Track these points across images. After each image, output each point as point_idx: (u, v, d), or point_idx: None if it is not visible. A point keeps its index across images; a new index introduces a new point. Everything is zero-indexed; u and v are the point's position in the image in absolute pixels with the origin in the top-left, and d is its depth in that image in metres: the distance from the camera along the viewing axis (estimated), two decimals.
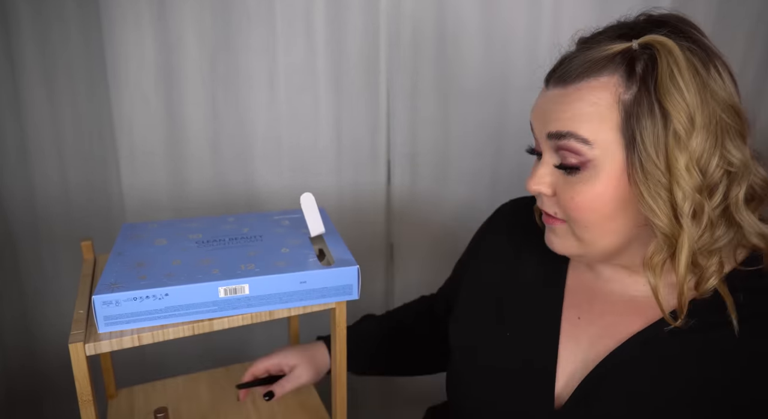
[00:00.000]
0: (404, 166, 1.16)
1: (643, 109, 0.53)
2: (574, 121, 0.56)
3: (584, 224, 0.59)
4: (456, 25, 1.07)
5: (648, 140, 0.53)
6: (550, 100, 0.59)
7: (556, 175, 0.60)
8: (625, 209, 0.57)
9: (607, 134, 0.55)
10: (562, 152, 0.58)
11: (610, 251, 0.61)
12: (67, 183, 1.03)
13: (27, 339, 1.09)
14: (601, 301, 0.65)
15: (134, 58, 0.97)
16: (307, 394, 0.88)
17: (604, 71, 0.55)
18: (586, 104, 0.56)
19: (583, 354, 0.63)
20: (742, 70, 1.20)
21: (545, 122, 0.59)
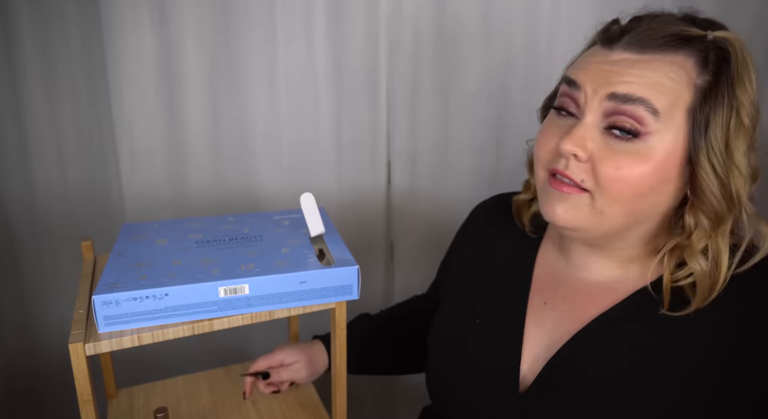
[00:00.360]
0: (404, 166, 1.16)
1: (718, 97, 0.54)
2: (650, 88, 0.54)
3: (615, 197, 0.56)
4: (456, 25, 1.07)
5: (719, 126, 0.54)
6: (619, 63, 0.56)
7: (597, 140, 0.56)
8: (660, 192, 0.57)
9: (677, 110, 0.55)
10: (620, 117, 0.55)
11: (616, 231, 0.60)
12: (67, 183, 1.03)
13: (27, 338, 1.09)
14: (566, 286, 0.67)
15: (134, 57, 0.97)
16: (307, 394, 0.88)
17: (681, 51, 0.56)
18: (663, 76, 0.55)
19: (547, 337, 0.65)
20: None
21: (609, 82, 0.56)
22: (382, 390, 1.31)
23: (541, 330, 0.66)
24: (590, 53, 0.61)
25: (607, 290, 0.64)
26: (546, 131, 0.62)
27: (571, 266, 0.68)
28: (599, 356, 0.61)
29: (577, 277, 0.67)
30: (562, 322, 0.65)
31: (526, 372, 0.65)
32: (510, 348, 0.66)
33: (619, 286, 0.63)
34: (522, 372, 0.65)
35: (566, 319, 0.65)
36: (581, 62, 0.61)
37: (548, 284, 0.69)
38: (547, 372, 0.63)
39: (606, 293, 0.64)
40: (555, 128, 0.60)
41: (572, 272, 0.68)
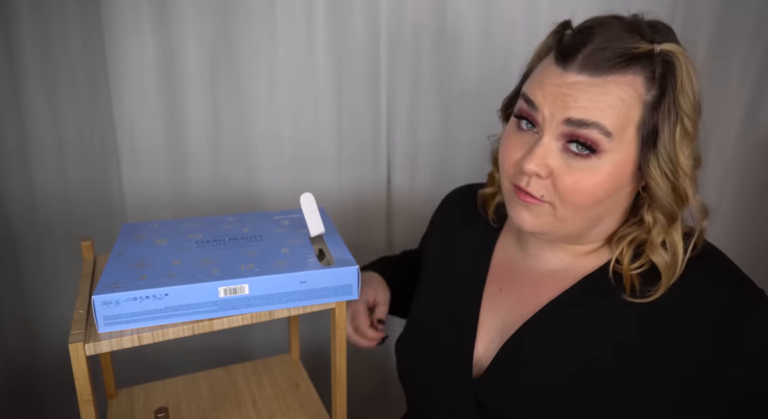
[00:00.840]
0: (404, 165, 1.16)
1: (663, 110, 0.59)
2: (601, 112, 0.58)
3: (575, 207, 0.61)
4: (456, 24, 1.07)
5: (667, 137, 0.59)
6: (575, 87, 0.59)
7: (556, 157, 0.60)
8: (614, 197, 0.62)
9: (627, 129, 0.59)
10: (576, 139, 0.59)
11: (579, 232, 0.65)
12: (68, 183, 1.03)
13: (27, 337, 1.09)
14: (521, 275, 0.72)
15: (135, 57, 0.97)
16: (307, 394, 0.88)
17: (630, 69, 0.58)
18: (614, 98, 0.58)
19: (501, 321, 0.70)
20: (743, 70, 1.20)
21: (564, 107, 0.59)
22: (382, 390, 1.31)
23: (495, 315, 0.72)
24: (546, 70, 0.62)
25: (557, 277, 0.69)
26: (508, 143, 0.65)
27: (527, 256, 0.73)
28: (549, 339, 0.66)
29: (532, 266, 0.72)
30: (515, 307, 0.70)
31: (481, 356, 0.70)
32: (466, 332, 0.72)
33: (568, 274, 0.68)
34: (477, 356, 0.70)
35: (519, 305, 0.70)
36: (538, 80, 0.63)
37: (505, 273, 0.74)
38: (501, 356, 0.67)
39: (557, 281, 0.69)
40: (517, 142, 0.64)
41: (527, 262, 0.73)
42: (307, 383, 0.91)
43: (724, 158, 1.28)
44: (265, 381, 0.91)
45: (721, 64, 1.20)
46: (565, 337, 0.65)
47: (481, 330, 0.72)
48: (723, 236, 1.32)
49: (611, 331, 0.63)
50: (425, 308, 0.80)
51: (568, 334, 0.65)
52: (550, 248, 0.70)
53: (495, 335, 0.70)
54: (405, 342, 0.81)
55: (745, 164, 1.29)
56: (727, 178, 1.29)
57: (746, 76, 1.21)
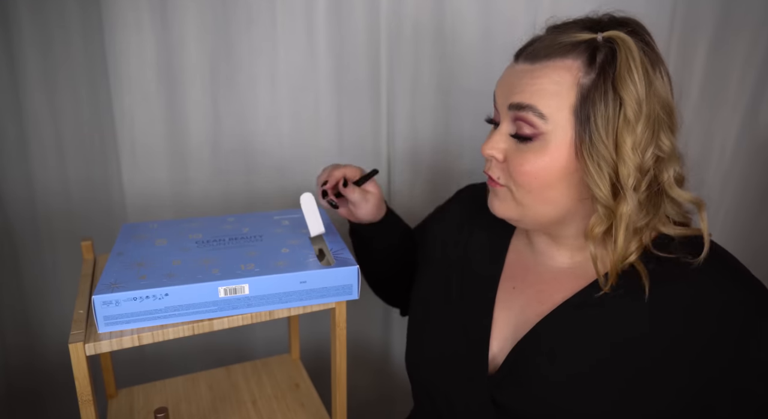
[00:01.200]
0: (404, 165, 1.16)
1: (599, 93, 0.59)
2: (536, 95, 0.61)
3: (526, 188, 0.64)
4: (456, 24, 1.07)
5: (600, 121, 0.59)
6: (517, 74, 0.64)
7: (509, 143, 0.65)
8: (566, 181, 0.63)
9: (562, 112, 0.61)
10: (519, 122, 0.63)
11: (546, 220, 0.66)
12: (68, 183, 1.03)
13: (27, 337, 1.09)
14: (533, 272, 0.73)
15: (136, 57, 0.97)
16: (307, 394, 0.88)
17: (569, 55, 0.61)
18: (549, 82, 0.61)
19: (515, 319, 0.71)
20: (744, 70, 1.20)
21: (509, 94, 0.64)
22: (382, 390, 1.31)
23: (509, 313, 0.72)
24: (507, 67, 0.68)
25: (571, 275, 0.69)
26: (487, 138, 0.70)
27: (536, 253, 0.74)
28: (564, 337, 0.66)
29: (544, 263, 0.72)
30: (528, 305, 0.70)
31: (496, 353, 0.70)
32: (480, 329, 0.72)
33: (581, 272, 0.68)
34: (492, 353, 0.70)
35: (532, 302, 0.70)
36: (501, 76, 0.69)
37: (518, 271, 0.74)
38: (515, 353, 0.68)
39: (571, 279, 0.69)
40: (489, 135, 0.69)
41: (539, 259, 0.73)
42: (307, 383, 0.91)
43: (725, 159, 1.28)
44: (265, 381, 0.91)
45: (722, 64, 1.19)
46: (579, 335, 0.65)
47: (496, 327, 0.72)
48: (724, 236, 1.32)
49: (625, 330, 0.63)
50: (435, 306, 0.79)
51: (582, 332, 0.65)
52: (554, 247, 0.71)
53: (509, 332, 0.70)
54: (415, 341, 0.80)
55: (745, 164, 1.29)
56: (728, 179, 1.29)
57: (746, 76, 1.21)
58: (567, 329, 0.66)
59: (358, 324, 1.22)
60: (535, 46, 0.63)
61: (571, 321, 0.66)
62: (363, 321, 1.24)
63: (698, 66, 1.18)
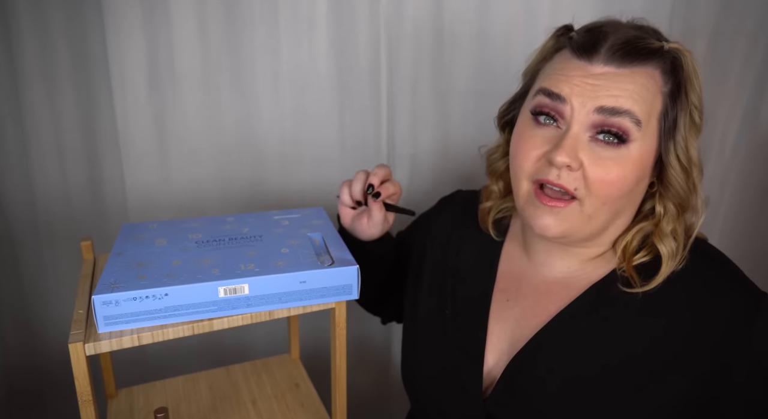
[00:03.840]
0: (404, 166, 1.16)
1: (680, 102, 0.61)
2: (631, 101, 0.59)
3: (604, 200, 0.60)
4: (455, 25, 1.07)
5: (682, 128, 0.61)
6: (602, 77, 0.60)
7: (585, 149, 0.60)
8: (636, 191, 0.63)
9: (651, 118, 0.60)
10: (607, 128, 0.59)
11: (599, 230, 0.64)
12: (68, 183, 1.03)
13: (27, 337, 1.09)
14: (527, 284, 0.71)
15: (136, 57, 0.97)
16: (307, 394, 0.88)
17: (649, 62, 0.61)
18: (640, 88, 0.59)
19: (510, 332, 0.69)
20: (743, 70, 1.20)
21: (595, 96, 0.59)
22: (382, 390, 1.31)
23: (504, 326, 0.70)
24: (565, 64, 0.63)
25: (565, 285, 0.68)
26: (527, 141, 0.63)
27: (533, 264, 0.72)
28: (561, 350, 0.65)
29: (538, 274, 0.71)
30: (523, 318, 0.69)
31: (491, 367, 0.69)
32: (475, 344, 0.70)
33: (576, 282, 0.68)
34: (487, 368, 0.69)
35: (527, 315, 0.69)
36: (559, 74, 0.62)
37: (511, 282, 0.73)
38: (512, 368, 0.66)
39: (564, 289, 0.68)
40: (536, 139, 0.62)
41: (534, 270, 0.71)
42: (307, 383, 0.91)
43: (725, 158, 1.28)
44: (265, 381, 0.91)
45: (721, 63, 1.19)
46: (576, 347, 0.64)
47: (491, 341, 0.70)
48: (724, 236, 1.32)
49: (622, 340, 0.63)
50: (428, 321, 0.77)
51: (579, 344, 0.64)
52: (558, 254, 0.69)
53: (505, 346, 0.69)
54: (410, 357, 0.79)
55: (745, 164, 1.29)
56: (728, 178, 1.29)
57: (746, 76, 1.21)
58: (564, 340, 0.65)
59: (358, 324, 1.22)
60: (617, 47, 0.60)
61: (567, 331, 0.65)
62: (363, 321, 1.24)
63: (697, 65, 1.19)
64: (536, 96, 0.64)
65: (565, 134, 0.60)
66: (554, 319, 0.66)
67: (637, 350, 0.62)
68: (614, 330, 0.63)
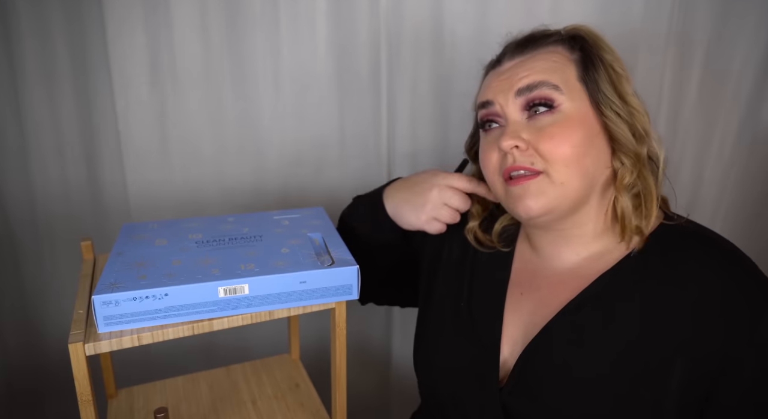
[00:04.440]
0: (404, 166, 1.16)
1: (590, 61, 0.66)
2: (541, 73, 0.65)
3: (565, 163, 0.64)
4: (455, 25, 1.07)
5: (603, 80, 0.66)
6: (512, 69, 0.68)
7: (526, 128, 0.65)
8: (595, 147, 0.65)
9: (570, 81, 0.66)
10: (532, 103, 0.65)
11: (579, 197, 0.66)
12: (68, 183, 1.03)
13: (27, 337, 1.09)
14: (539, 277, 0.73)
15: (137, 56, 0.97)
16: (307, 394, 0.88)
17: (550, 43, 0.68)
18: (547, 62, 0.66)
19: (523, 325, 0.71)
20: (742, 70, 1.20)
21: (511, 85, 0.66)
22: (381, 390, 1.31)
23: (518, 319, 0.72)
24: (486, 80, 0.72)
25: (576, 276, 0.69)
26: (485, 149, 0.70)
27: (543, 259, 0.74)
28: (570, 339, 0.66)
29: (549, 267, 0.73)
30: (536, 309, 0.71)
31: (506, 358, 0.71)
32: (491, 334, 0.72)
33: (585, 271, 0.69)
34: (503, 358, 0.71)
35: (540, 306, 0.71)
36: (483, 88, 0.72)
37: (525, 277, 0.75)
38: (524, 359, 0.68)
39: (575, 279, 0.69)
40: (491, 143, 0.69)
41: (544, 263, 0.73)
42: (307, 383, 0.91)
43: (724, 158, 1.27)
44: (265, 381, 0.91)
45: (721, 63, 1.19)
46: (585, 336, 0.65)
47: (506, 332, 0.72)
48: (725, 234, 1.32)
49: (630, 328, 0.63)
50: (445, 314, 0.79)
51: (588, 333, 0.65)
52: (562, 244, 0.71)
53: (519, 337, 0.71)
54: (426, 348, 0.80)
55: (745, 164, 1.29)
56: (728, 178, 1.29)
57: (745, 76, 1.20)
58: (573, 329, 0.66)
59: (358, 324, 1.22)
60: (514, 45, 0.70)
61: (576, 321, 0.66)
62: (363, 321, 1.24)
63: (696, 65, 1.18)
64: (477, 113, 0.73)
65: (505, 125, 0.68)
66: (564, 309, 0.67)
67: (646, 337, 0.62)
68: (623, 319, 0.64)
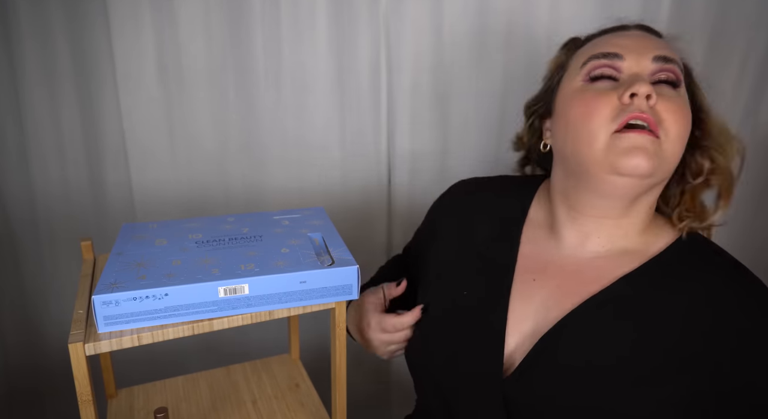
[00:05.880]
0: (404, 166, 1.16)
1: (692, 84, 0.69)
2: (674, 55, 0.66)
3: (678, 134, 0.62)
4: (455, 26, 1.07)
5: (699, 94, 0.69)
6: (646, 37, 0.67)
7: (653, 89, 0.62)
8: (687, 135, 0.65)
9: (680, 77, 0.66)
10: (666, 73, 0.64)
11: (665, 177, 0.66)
12: (68, 182, 1.03)
13: (27, 337, 1.09)
14: (554, 265, 0.69)
15: (139, 56, 0.97)
16: (307, 394, 0.88)
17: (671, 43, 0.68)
18: (674, 52, 0.66)
19: (534, 314, 0.67)
20: (742, 70, 1.20)
21: (650, 48, 0.65)
22: (381, 390, 1.31)
23: (527, 305, 0.68)
24: (603, 38, 0.68)
25: (596, 268, 0.67)
26: (594, 96, 0.63)
27: (562, 246, 0.70)
28: (585, 338, 0.63)
29: (568, 255, 0.69)
30: (551, 297, 0.67)
31: (513, 348, 0.66)
32: (496, 321, 0.68)
33: (606, 265, 0.67)
34: (508, 349, 0.66)
35: (555, 295, 0.67)
36: (604, 43, 0.67)
37: (536, 263, 0.71)
38: (537, 352, 0.64)
39: (595, 271, 0.67)
40: (600, 94, 0.63)
41: (561, 251, 0.70)
42: (307, 383, 0.91)
43: None
44: (265, 381, 0.91)
45: (720, 63, 1.19)
46: (601, 336, 0.63)
47: (512, 321, 0.67)
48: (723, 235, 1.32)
49: (645, 332, 0.62)
50: (439, 305, 0.74)
51: (604, 333, 0.63)
52: (595, 234, 0.68)
53: (528, 328, 0.66)
54: (418, 343, 0.75)
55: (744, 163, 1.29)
56: None
57: (745, 76, 1.20)
58: (590, 327, 0.63)
59: None
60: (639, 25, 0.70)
61: (594, 319, 0.64)
62: None
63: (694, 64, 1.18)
64: (587, 64, 0.66)
65: (630, 76, 0.63)
66: (584, 303, 0.64)
67: (661, 343, 0.61)
68: (638, 323, 0.62)
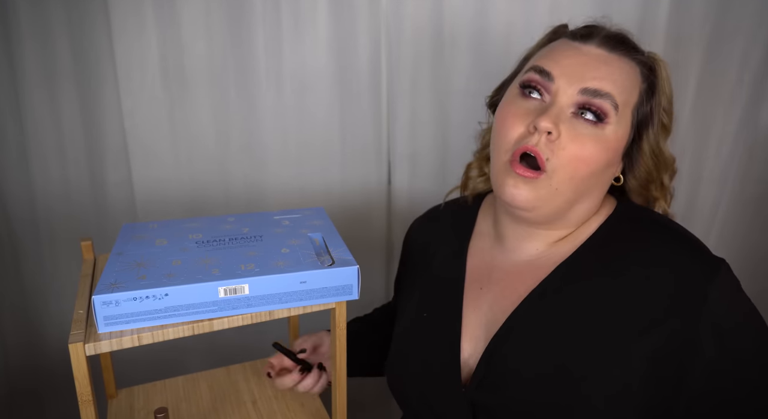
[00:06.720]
0: (404, 166, 1.16)
1: (653, 101, 0.67)
2: (614, 86, 0.63)
3: (572, 175, 0.63)
4: (455, 25, 1.07)
5: (656, 124, 0.67)
6: (594, 58, 0.65)
7: (566, 122, 0.63)
8: (602, 174, 0.66)
9: (627, 108, 0.65)
10: (587, 108, 0.63)
11: (562, 210, 0.66)
12: (69, 182, 1.03)
13: (28, 337, 1.09)
14: (498, 270, 0.73)
15: (140, 56, 0.97)
16: (307, 394, 0.88)
17: (634, 58, 0.67)
18: (624, 76, 0.65)
19: (484, 318, 0.71)
20: (741, 70, 1.20)
21: (582, 77, 0.63)
22: (381, 390, 1.31)
23: (479, 312, 0.72)
24: (559, 47, 0.68)
25: (533, 266, 0.70)
26: (514, 113, 0.66)
27: (504, 250, 0.74)
28: (533, 330, 0.65)
29: (508, 259, 0.73)
30: (496, 302, 0.70)
31: (468, 356, 0.70)
32: (450, 335, 0.71)
33: (544, 262, 0.69)
34: (464, 357, 0.70)
35: (499, 299, 0.70)
36: (551, 55, 0.67)
37: (482, 272, 0.74)
38: (488, 353, 0.67)
39: (533, 270, 0.70)
40: (521, 109, 0.66)
41: (505, 256, 0.73)
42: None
43: (723, 159, 1.27)
44: (265, 381, 0.91)
45: (719, 64, 1.19)
46: (548, 326, 0.65)
47: (467, 330, 0.71)
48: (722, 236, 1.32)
49: (591, 314, 0.63)
50: (408, 323, 0.79)
51: (551, 322, 0.65)
52: (527, 237, 0.71)
53: (481, 333, 0.70)
54: (391, 358, 0.79)
55: (743, 165, 1.29)
56: (726, 179, 1.29)
57: (744, 76, 1.20)
58: (536, 319, 0.66)
59: None
60: (611, 36, 0.66)
61: (538, 310, 0.66)
62: None
63: (694, 65, 1.18)
64: (527, 73, 0.67)
65: (550, 105, 0.64)
66: (525, 300, 0.67)
67: (606, 321, 0.62)
68: (583, 304, 0.64)
